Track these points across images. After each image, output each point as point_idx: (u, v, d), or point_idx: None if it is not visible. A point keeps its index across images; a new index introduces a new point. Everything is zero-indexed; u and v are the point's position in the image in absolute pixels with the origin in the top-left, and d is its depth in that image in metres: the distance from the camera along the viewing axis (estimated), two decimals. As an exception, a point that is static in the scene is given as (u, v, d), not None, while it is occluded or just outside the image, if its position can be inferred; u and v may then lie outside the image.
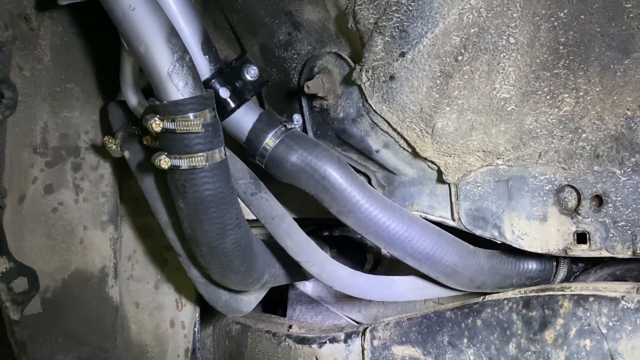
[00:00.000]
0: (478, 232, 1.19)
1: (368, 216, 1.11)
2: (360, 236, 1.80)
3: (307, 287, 1.99)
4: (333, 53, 1.12)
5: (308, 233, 1.20)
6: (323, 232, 1.86)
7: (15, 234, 1.08)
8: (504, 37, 0.97)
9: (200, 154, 0.96)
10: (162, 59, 0.93)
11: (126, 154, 1.11)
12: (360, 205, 1.10)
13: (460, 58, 0.98)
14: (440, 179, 1.22)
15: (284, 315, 2.04)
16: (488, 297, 1.20)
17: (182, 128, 0.94)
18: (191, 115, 0.94)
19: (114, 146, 1.13)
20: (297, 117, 1.16)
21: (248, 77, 1.16)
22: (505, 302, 1.14)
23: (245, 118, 1.15)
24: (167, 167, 0.96)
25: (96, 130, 1.23)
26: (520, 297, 1.13)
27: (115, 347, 1.29)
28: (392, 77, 1.02)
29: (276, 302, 2.10)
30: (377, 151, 1.20)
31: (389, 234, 1.13)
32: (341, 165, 1.11)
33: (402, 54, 0.98)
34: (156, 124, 0.93)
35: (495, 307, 1.15)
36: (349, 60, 1.09)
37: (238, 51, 1.35)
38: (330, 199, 1.11)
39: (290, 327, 1.71)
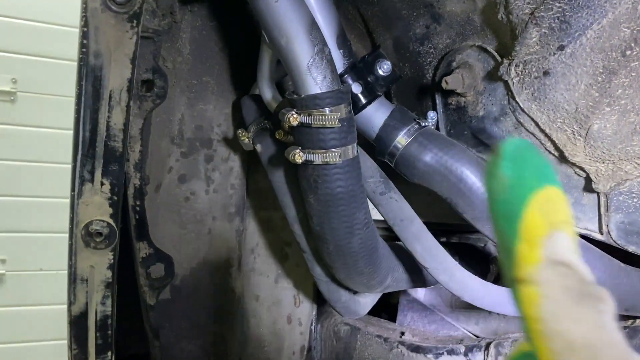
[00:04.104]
0: (631, 249, 1.06)
1: (507, 224, 1.02)
2: (483, 245, 1.71)
3: (419, 293, 1.91)
4: (476, 46, 1.05)
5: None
6: (440, 239, 1.77)
7: (151, 221, 1.11)
8: (685, 29, 0.85)
9: (334, 149, 0.93)
10: (302, 51, 0.91)
11: (258, 147, 1.11)
12: (499, 212, 1.02)
13: (628, 53, 0.87)
14: (588, 187, 1.10)
15: (389, 320, 1.97)
16: (640, 323, 1.07)
17: (317, 122, 0.91)
18: (327, 109, 0.92)
19: (247, 139, 1.13)
20: (431, 114, 1.10)
21: (380, 72, 1.12)
22: (665, 330, 1.00)
23: (376, 114, 1.10)
24: (300, 161, 0.94)
25: (228, 123, 1.25)
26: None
27: (235, 340, 1.30)
28: (546, 73, 0.92)
29: (380, 307, 2.04)
30: (517, 154, 1.10)
31: (529, 245, 1.03)
32: (479, 167, 1.03)
33: (561, 48, 0.88)
34: (293, 118, 0.91)
35: (651, 334, 1.01)
36: (495, 54, 1.01)
37: (369, 46, 1.32)
38: (466, 203, 1.04)
39: (402, 333, 1.65)
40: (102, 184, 0.77)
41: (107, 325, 0.85)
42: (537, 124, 1.01)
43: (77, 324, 0.84)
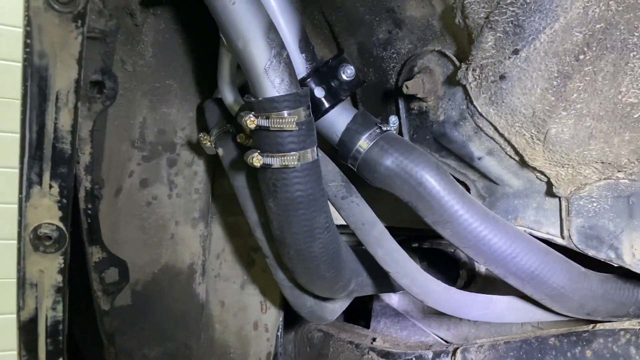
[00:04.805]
0: (591, 253, 1.07)
1: (467, 228, 1.03)
2: (452, 250, 1.71)
3: (393, 299, 1.92)
4: (436, 51, 1.05)
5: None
6: (412, 244, 1.78)
7: (110, 225, 1.10)
8: (636, 34, 0.86)
9: (292, 153, 0.93)
10: (259, 54, 0.91)
11: (220, 151, 1.10)
12: (459, 216, 1.02)
13: (581, 57, 0.88)
14: (550, 192, 1.11)
15: (367, 327, 1.98)
16: (600, 326, 1.07)
17: (275, 125, 0.91)
18: (285, 112, 0.91)
19: (209, 143, 1.12)
20: (393, 118, 1.10)
21: (344, 77, 1.12)
22: (622, 333, 1.01)
23: (339, 119, 1.10)
24: (259, 165, 0.93)
25: (192, 127, 1.24)
26: (640, 328, 0.99)
27: (199, 346, 1.28)
28: (502, 77, 0.93)
29: (358, 313, 2.04)
30: (479, 158, 1.11)
31: (489, 249, 1.04)
32: (439, 172, 1.03)
33: (516, 52, 0.89)
34: (251, 121, 0.91)
35: (610, 337, 1.02)
36: (454, 58, 1.02)
37: (335, 51, 1.32)
38: (425, 207, 1.04)
39: (374, 339, 1.65)
40: (50, 186, 0.76)
41: (59, 331, 0.84)
42: (495, 128, 1.01)
43: (27, 330, 0.82)
